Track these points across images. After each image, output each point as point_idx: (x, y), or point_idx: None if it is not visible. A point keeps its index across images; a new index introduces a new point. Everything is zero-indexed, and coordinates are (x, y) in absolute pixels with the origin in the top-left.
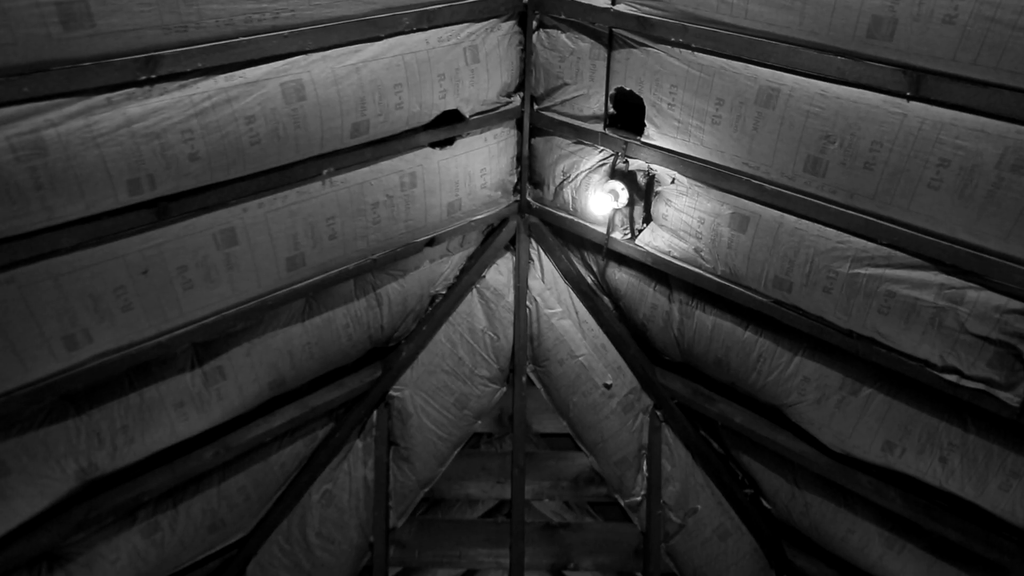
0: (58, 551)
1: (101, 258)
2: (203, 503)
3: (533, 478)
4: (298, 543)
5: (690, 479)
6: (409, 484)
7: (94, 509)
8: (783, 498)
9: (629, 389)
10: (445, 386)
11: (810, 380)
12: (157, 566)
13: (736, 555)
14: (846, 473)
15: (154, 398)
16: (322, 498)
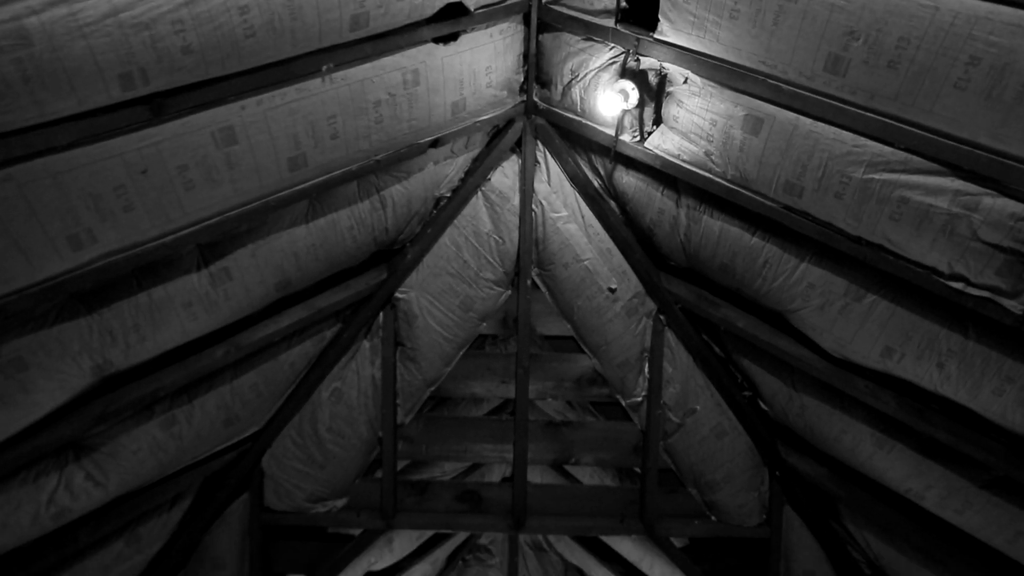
0: (82, 442)
1: (98, 156)
2: (217, 399)
3: (537, 378)
4: (310, 437)
5: (690, 381)
6: (416, 383)
7: (112, 403)
8: (780, 400)
9: (633, 293)
10: (450, 288)
11: (815, 287)
12: (176, 456)
13: (731, 453)
14: (844, 377)
15: (163, 298)
16: (331, 395)
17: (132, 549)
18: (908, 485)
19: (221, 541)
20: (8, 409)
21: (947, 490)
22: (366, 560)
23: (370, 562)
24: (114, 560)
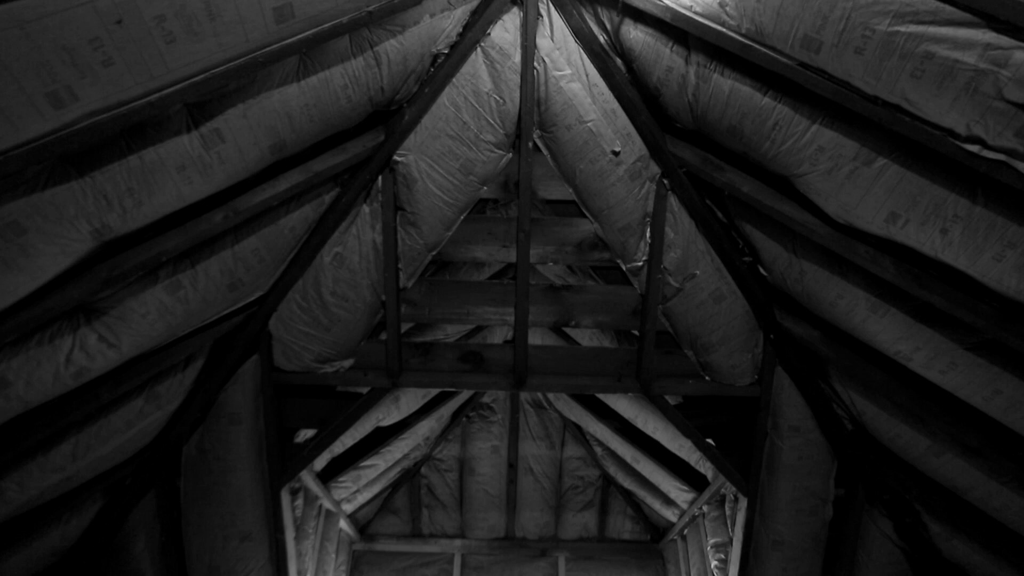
0: (91, 305)
1: (65, 4)
2: (220, 264)
3: (538, 243)
4: (314, 301)
5: (691, 246)
6: (417, 247)
7: (117, 267)
8: (780, 266)
9: (637, 157)
10: (450, 151)
11: (824, 150)
12: (184, 320)
13: (728, 316)
14: (845, 243)
15: (154, 161)
16: (333, 260)
17: (152, 406)
18: (897, 347)
19: (235, 399)
20: (13, 273)
21: (934, 352)
22: (374, 417)
23: (378, 418)
24: (136, 416)
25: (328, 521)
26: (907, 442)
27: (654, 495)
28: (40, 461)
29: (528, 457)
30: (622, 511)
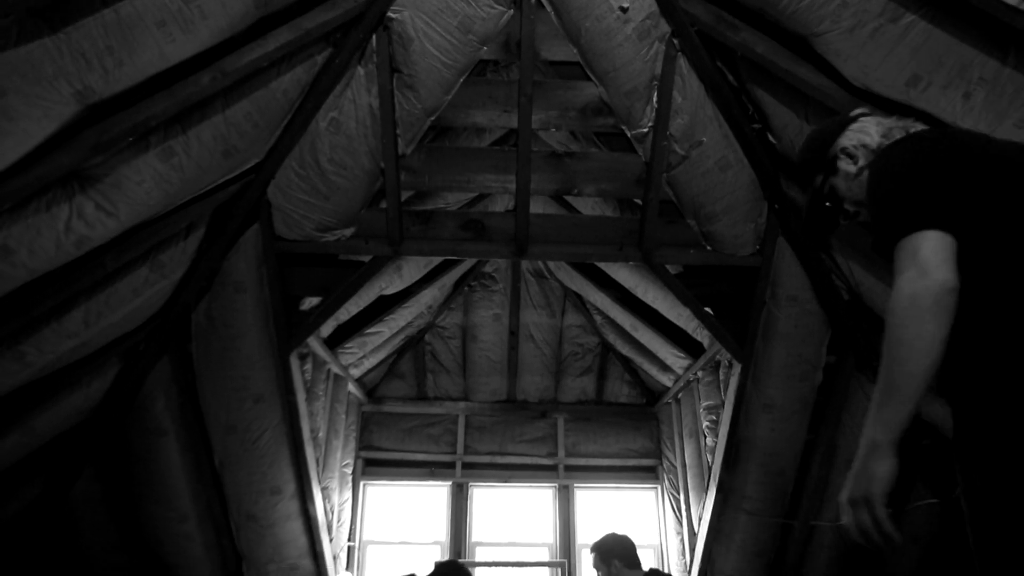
0: (84, 172)
1: None
2: (212, 129)
3: (540, 107)
4: (312, 168)
5: (699, 112)
6: (415, 112)
7: (105, 132)
8: (790, 133)
9: (647, 14)
10: (447, 7)
11: (848, 5)
12: (180, 188)
13: (733, 185)
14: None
15: (131, 15)
16: (329, 125)
17: (157, 274)
18: None
19: (239, 267)
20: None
21: None
22: (377, 285)
23: (381, 287)
24: (142, 284)
25: (337, 384)
26: None
27: (651, 361)
28: (54, 327)
29: (529, 325)
30: (619, 376)
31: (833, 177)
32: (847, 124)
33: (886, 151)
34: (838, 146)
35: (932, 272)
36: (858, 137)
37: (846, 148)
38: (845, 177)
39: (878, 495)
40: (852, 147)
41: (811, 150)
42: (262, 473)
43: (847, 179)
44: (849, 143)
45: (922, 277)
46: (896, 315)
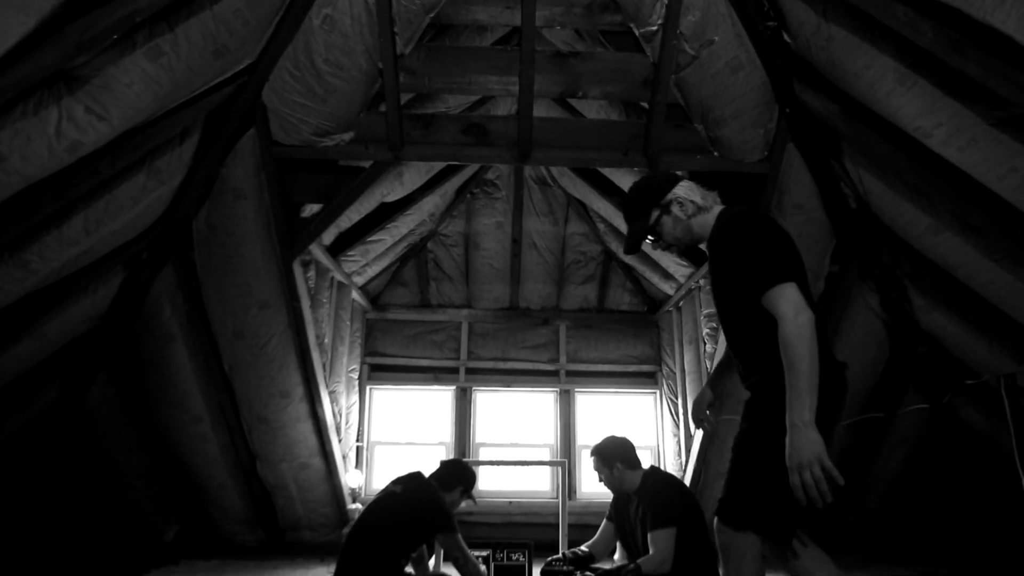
0: (70, 73)
1: None
2: (200, 27)
3: (544, 3)
4: (307, 69)
5: (712, 8)
6: (414, 8)
7: (88, 29)
8: (806, 31)
9: None
10: None
11: None
12: (172, 90)
13: (744, 88)
14: (882, 4)
15: None
16: (323, 23)
17: (154, 181)
18: (918, 123)
19: (238, 174)
20: None
21: (956, 127)
22: (378, 192)
23: (383, 194)
24: (140, 191)
25: (341, 292)
26: (909, 221)
27: (653, 269)
28: (55, 235)
29: (532, 233)
30: (621, 285)
31: (665, 215)
32: (678, 180)
33: (750, 221)
34: (675, 194)
35: (803, 310)
36: (689, 194)
37: (680, 198)
38: (675, 219)
39: (823, 453)
40: (686, 199)
41: (650, 190)
42: (271, 377)
43: (676, 221)
44: (684, 195)
45: (800, 314)
46: (792, 339)
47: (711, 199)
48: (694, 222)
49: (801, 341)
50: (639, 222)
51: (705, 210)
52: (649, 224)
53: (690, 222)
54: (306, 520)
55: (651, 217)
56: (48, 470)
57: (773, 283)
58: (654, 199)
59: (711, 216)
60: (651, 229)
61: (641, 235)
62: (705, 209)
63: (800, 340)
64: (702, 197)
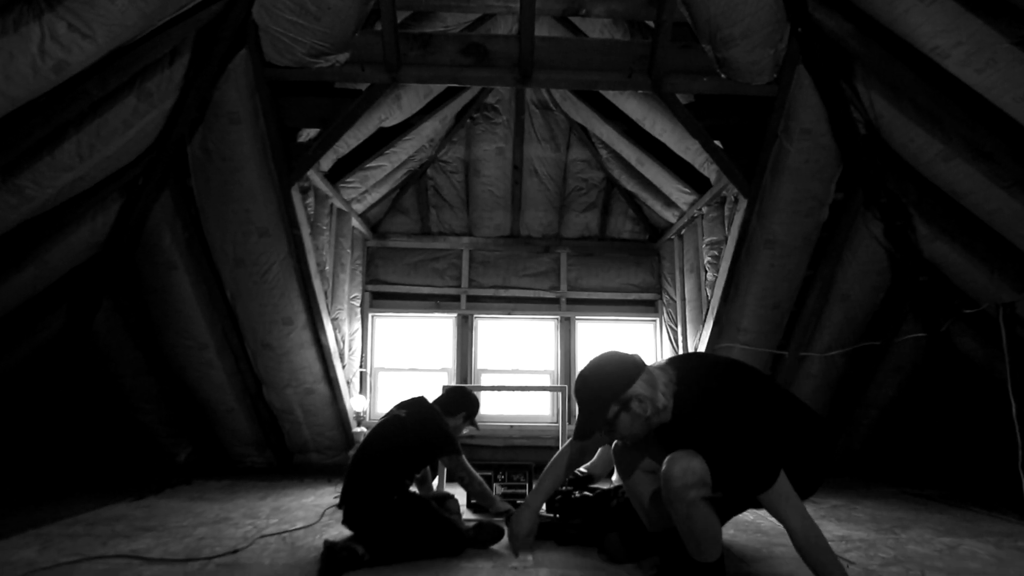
0: None
1: None
2: None
3: None
4: None
5: None
6: None
7: None
8: None
9: None
10: None
11: None
12: (159, 7)
13: (755, 5)
14: None
15: None
16: None
17: (146, 104)
18: (936, 42)
19: (231, 96)
20: None
21: (976, 47)
22: (376, 116)
23: (380, 118)
24: (131, 114)
25: (340, 219)
26: (919, 147)
27: (655, 197)
28: (48, 161)
29: (533, 159)
30: (623, 212)
31: (624, 412)
32: (639, 372)
33: (739, 429)
34: (635, 392)
35: (806, 518)
36: (650, 392)
37: (640, 396)
38: (634, 416)
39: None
40: (647, 397)
41: (611, 385)
42: (273, 304)
43: (634, 418)
44: (645, 393)
45: (807, 526)
46: (810, 552)
47: (671, 390)
48: (653, 420)
49: (820, 550)
50: (595, 416)
51: (665, 410)
52: (607, 419)
53: (649, 419)
54: (313, 443)
55: (609, 412)
56: (62, 394)
57: (769, 484)
58: (614, 394)
59: (669, 409)
60: (608, 424)
61: (595, 428)
62: (665, 409)
63: (819, 550)
64: (664, 388)
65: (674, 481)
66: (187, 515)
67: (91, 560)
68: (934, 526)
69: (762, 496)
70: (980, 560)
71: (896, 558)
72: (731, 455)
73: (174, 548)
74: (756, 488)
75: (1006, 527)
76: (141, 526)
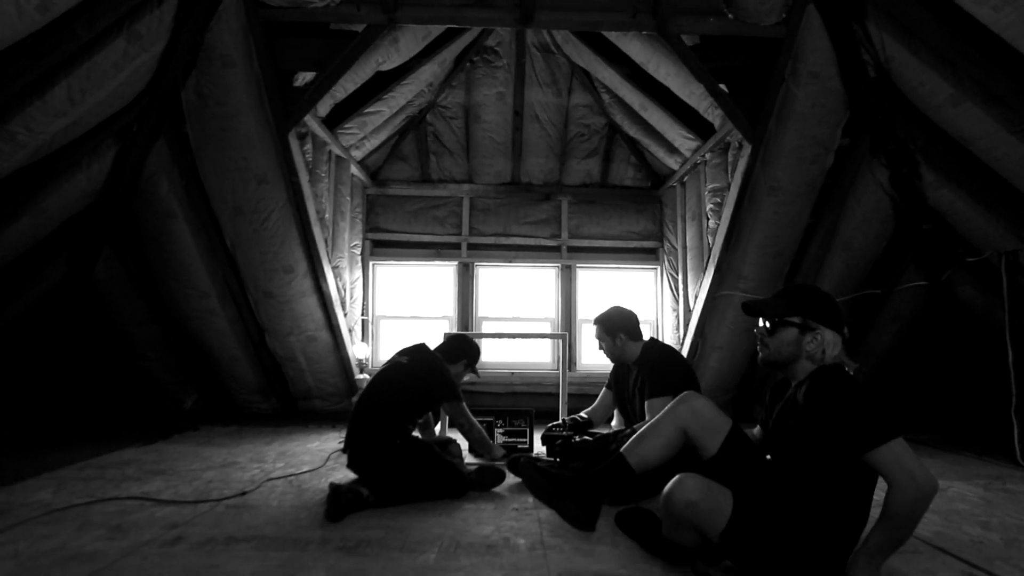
0: None
1: None
2: None
3: None
4: None
5: None
6: None
7: None
8: None
9: None
10: None
11: None
12: None
13: None
14: None
15: None
16: None
17: (136, 47)
18: None
19: (224, 39)
20: None
21: None
22: (373, 59)
23: (378, 61)
24: (122, 57)
25: (339, 166)
26: (929, 90)
27: (658, 143)
28: (39, 105)
29: (534, 104)
30: (625, 159)
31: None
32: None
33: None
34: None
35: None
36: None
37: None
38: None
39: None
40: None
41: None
42: (273, 253)
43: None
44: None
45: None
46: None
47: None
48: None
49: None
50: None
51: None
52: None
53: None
54: (316, 390)
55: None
56: (67, 343)
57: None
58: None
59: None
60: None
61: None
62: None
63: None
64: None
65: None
66: (195, 459)
67: (104, 501)
68: None
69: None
70: (968, 502)
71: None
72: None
73: (184, 491)
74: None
75: (996, 470)
76: (151, 470)
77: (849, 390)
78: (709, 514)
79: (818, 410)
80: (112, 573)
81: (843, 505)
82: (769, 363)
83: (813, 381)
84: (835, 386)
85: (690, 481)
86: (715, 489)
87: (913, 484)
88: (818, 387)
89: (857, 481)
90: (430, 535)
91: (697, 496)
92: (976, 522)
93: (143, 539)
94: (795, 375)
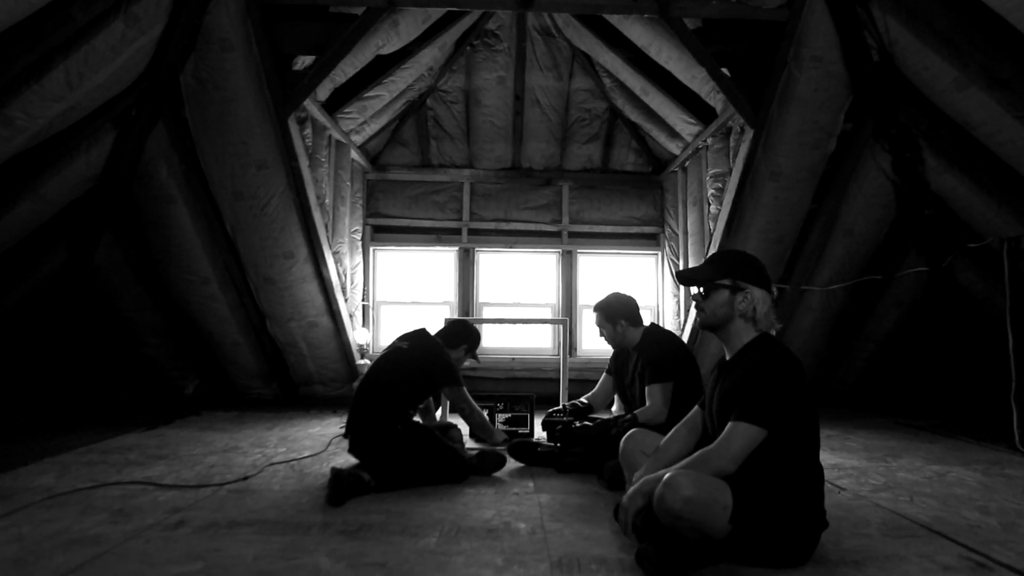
0: None
1: None
2: None
3: None
4: None
5: None
6: None
7: None
8: None
9: None
10: None
11: None
12: None
13: None
14: None
15: None
16: None
17: (134, 31)
18: None
19: (222, 22)
20: None
21: None
22: (373, 43)
23: (378, 45)
24: (119, 40)
25: (339, 151)
26: (934, 74)
27: (660, 128)
28: (36, 89)
29: (535, 88)
30: (626, 144)
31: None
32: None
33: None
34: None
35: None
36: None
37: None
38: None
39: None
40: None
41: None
42: (274, 238)
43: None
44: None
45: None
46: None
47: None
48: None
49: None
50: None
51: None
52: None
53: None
54: (317, 375)
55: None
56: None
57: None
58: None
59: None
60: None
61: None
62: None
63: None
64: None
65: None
66: (197, 444)
67: (107, 486)
68: (924, 455)
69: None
70: (967, 486)
71: (886, 484)
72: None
73: (186, 475)
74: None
75: (994, 456)
76: (154, 454)
77: (774, 364)
78: (708, 506)
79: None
80: (115, 557)
81: (797, 465)
82: (707, 326)
83: (758, 352)
84: (770, 356)
85: (679, 478)
86: (706, 480)
87: (720, 464)
88: (759, 355)
89: (797, 439)
90: (431, 519)
91: (692, 491)
92: (974, 507)
93: (146, 523)
94: (729, 339)
